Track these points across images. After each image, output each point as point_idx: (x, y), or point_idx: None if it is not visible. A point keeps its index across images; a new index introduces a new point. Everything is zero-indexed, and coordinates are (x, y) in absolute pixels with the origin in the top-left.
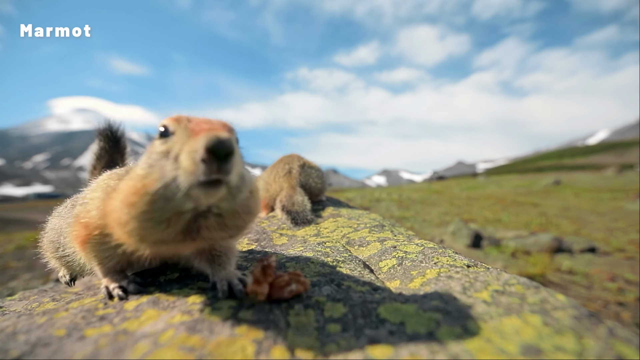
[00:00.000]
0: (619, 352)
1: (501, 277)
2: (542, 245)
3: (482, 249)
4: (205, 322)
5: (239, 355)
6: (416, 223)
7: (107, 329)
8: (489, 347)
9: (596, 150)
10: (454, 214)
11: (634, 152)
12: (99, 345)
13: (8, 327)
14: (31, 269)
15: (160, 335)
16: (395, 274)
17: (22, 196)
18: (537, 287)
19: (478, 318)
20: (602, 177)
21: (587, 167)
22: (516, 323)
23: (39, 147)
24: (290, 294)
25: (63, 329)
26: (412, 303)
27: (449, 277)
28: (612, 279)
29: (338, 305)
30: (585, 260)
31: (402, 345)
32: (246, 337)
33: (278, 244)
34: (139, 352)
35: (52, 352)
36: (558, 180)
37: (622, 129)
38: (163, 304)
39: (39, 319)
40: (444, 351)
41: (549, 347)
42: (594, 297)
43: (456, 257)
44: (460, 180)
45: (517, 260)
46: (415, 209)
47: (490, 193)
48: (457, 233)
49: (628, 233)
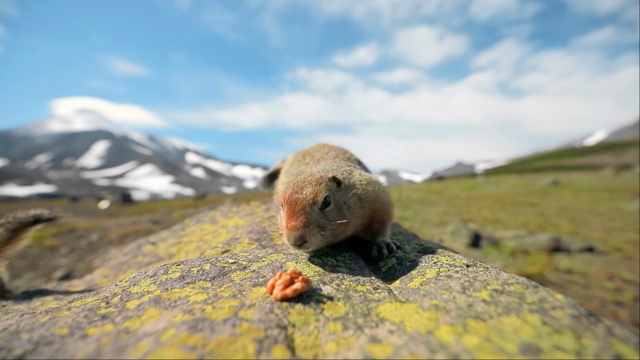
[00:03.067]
0: (618, 351)
1: (500, 276)
2: (541, 245)
3: (481, 249)
4: (206, 321)
5: (239, 354)
6: (416, 223)
7: (109, 328)
8: (488, 346)
9: (594, 150)
10: (453, 214)
11: (632, 153)
12: (101, 344)
13: (11, 325)
14: (34, 268)
15: (162, 334)
16: (395, 273)
17: (25, 196)
18: (536, 286)
19: (477, 317)
20: (600, 177)
21: (585, 168)
22: (515, 322)
23: (42, 147)
24: (294, 293)
25: (65, 327)
26: (412, 302)
27: (448, 276)
28: (610, 279)
29: (338, 304)
30: (583, 259)
31: (402, 345)
32: (247, 336)
33: (279, 244)
34: (140, 351)
35: (55, 351)
36: (556, 180)
37: (620, 130)
38: (164, 303)
39: (42, 317)
40: (444, 350)
41: (547, 346)
42: (591, 297)
43: (455, 257)
44: (459, 180)
45: (515, 259)
46: (414, 208)
47: (489, 193)
48: (457, 233)
49: (625, 233)
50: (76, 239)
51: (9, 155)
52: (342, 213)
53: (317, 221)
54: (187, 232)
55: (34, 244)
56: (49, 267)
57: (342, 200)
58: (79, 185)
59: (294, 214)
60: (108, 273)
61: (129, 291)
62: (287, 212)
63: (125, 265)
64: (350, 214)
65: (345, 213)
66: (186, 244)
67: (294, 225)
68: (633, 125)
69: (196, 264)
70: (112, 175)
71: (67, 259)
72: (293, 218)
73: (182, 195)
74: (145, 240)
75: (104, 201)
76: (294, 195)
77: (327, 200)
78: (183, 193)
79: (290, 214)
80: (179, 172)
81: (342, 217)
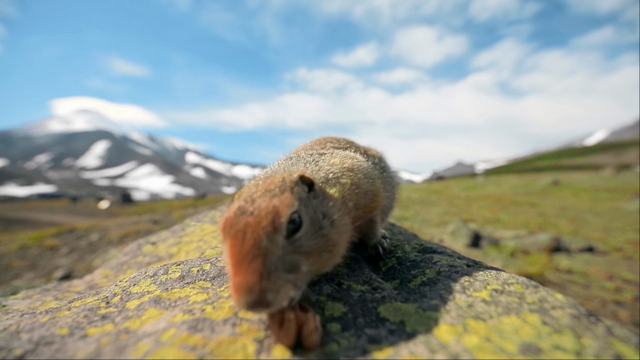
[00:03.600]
0: (618, 351)
1: (500, 276)
2: (541, 245)
3: (481, 249)
4: (206, 321)
5: (240, 354)
6: (416, 223)
7: (109, 328)
8: (488, 346)
9: (594, 150)
10: (453, 214)
11: (632, 153)
12: (101, 344)
13: (11, 325)
14: (34, 268)
15: (162, 334)
16: (395, 273)
17: (25, 196)
18: (536, 286)
19: (477, 317)
20: (600, 177)
21: (585, 168)
22: (515, 322)
23: (42, 147)
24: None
25: (65, 327)
26: (412, 302)
27: (448, 276)
28: (610, 278)
29: (338, 304)
30: (583, 259)
31: (402, 345)
32: (247, 336)
33: None
34: (140, 351)
35: (55, 351)
36: (556, 180)
37: (620, 130)
38: (165, 303)
39: (42, 317)
40: (444, 350)
41: (547, 346)
42: (591, 296)
43: (455, 257)
44: (459, 180)
45: (515, 259)
46: (414, 208)
47: (489, 193)
48: (457, 233)
49: (625, 232)
50: (76, 239)
51: (9, 155)
52: (322, 234)
53: (283, 261)
54: (187, 232)
55: (34, 244)
56: (49, 267)
57: (319, 213)
58: (79, 185)
59: (242, 258)
60: (108, 273)
61: (129, 291)
62: (232, 254)
63: (125, 265)
64: (335, 231)
65: (328, 232)
66: (186, 244)
67: (245, 282)
68: (633, 125)
69: (196, 263)
70: (112, 175)
71: (67, 259)
72: (241, 267)
73: (182, 195)
74: (145, 240)
75: (104, 201)
76: (240, 219)
77: (296, 220)
78: (183, 193)
79: (237, 260)
80: (179, 172)
81: (324, 241)
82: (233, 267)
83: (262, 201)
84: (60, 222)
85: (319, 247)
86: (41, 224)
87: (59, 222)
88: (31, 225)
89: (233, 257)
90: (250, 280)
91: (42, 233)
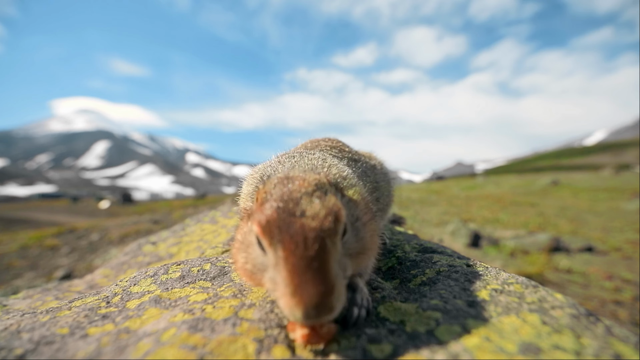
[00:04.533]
0: (617, 350)
1: (500, 276)
2: (540, 245)
3: (481, 249)
4: (206, 320)
5: (240, 354)
6: (415, 223)
7: (110, 328)
8: (488, 345)
9: (593, 150)
10: (453, 214)
11: (631, 153)
12: (102, 343)
13: (12, 325)
14: (35, 267)
15: (162, 334)
16: (395, 273)
17: (26, 196)
18: (536, 286)
19: (477, 317)
20: (599, 177)
21: (584, 168)
22: (515, 322)
23: (42, 147)
24: None
25: (66, 327)
26: (412, 302)
27: (448, 276)
28: (609, 278)
29: None
30: (582, 259)
31: (402, 344)
32: (247, 335)
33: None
34: (141, 351)
35: (56, 350)
36: (556, 180)
37: (620, 130)
38: (165, 302)
39: (43, 317)
40: (444, 350)
41: (547, 346)
42: (591, 296)
43: (455, 257)
44: (459, 180)
45: (515, 259)
46: (414, 208)
47: (488, 193)
48: (456, 232)
49: (625, 232)
50: (77, 239)
51: (9, 155)
52: (360, 237)
53: (339, 264)
54: (187, 232)
55: (35, 244)
56: (50, 267)
57: (354, 215)
58: (80, 185)
59: (308, 264)
60: (108, 273)
61: (129, 291)
62: (291, 259)
63: (125, 265)
64: (368, 233)
65: (363, 235)
66: (186, 243)
67: (316, 290)
68: (632, 125)
69: (196, 263)
70: (113, 175)
71: (67, 258)
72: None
73: (183, 195)
74: (145, 240)
75: (105, 201)
76: (292, 221)
77: (346, 222)
78: (183, 193)
79: (301, 266)
80: (179, 172)
81: (361, 244)
82: (295, 274)
83: (311, 202)
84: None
85: (357, 249)
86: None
87: (59, 222)
88: (32, 225)
89: (294, 263)
90: (321, 289)
91: (42, 233)
